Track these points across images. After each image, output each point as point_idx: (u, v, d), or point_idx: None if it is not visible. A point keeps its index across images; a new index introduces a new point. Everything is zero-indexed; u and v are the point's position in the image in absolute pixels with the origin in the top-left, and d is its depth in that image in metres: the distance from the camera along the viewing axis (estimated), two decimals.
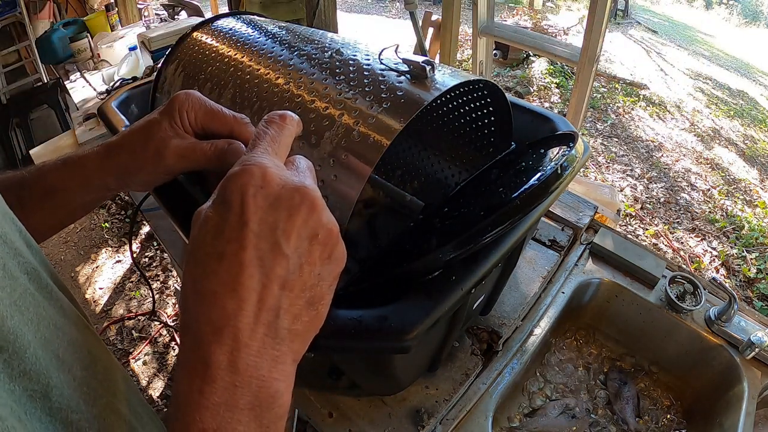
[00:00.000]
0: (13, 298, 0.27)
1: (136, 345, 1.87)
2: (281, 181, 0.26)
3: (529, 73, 4.06)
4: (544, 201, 0.47)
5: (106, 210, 2.55)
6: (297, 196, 0.26)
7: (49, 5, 2.42)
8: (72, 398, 0.29)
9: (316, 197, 0.27)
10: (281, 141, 0.30)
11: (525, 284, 0.81)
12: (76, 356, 0.32)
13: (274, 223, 0.25)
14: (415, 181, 0.78)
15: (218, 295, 0.24)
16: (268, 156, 0.28)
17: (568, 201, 0.94)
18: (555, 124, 0.64)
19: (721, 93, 4.50)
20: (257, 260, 0.25)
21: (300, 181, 0.27)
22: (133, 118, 0.74)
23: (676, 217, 2.73)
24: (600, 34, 1.55)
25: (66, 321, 0.34)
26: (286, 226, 0.26)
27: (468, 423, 0.67)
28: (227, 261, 0.25)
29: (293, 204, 0.26)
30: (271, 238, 0.25)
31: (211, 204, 0.26)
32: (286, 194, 0.26)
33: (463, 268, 0.46)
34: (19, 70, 2.51)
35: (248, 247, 0.25)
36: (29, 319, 0.28)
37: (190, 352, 0.25)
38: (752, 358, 0.74)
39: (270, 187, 0.26)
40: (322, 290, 0.28)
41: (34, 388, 0.26)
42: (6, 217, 0.33)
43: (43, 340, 0.28)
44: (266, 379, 0.25)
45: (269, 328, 0.25)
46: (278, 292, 0.25)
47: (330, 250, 0.28)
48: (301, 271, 0.26)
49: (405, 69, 0.49)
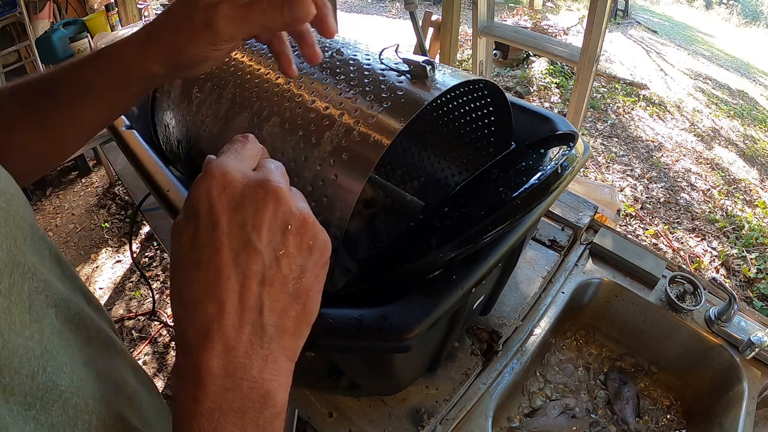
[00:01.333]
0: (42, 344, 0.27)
1: (136, 345, 1.87)
2: (243, 178, 0.26)
3: (529, 73, 4.06)
4: (544, 201, 0.47)
5: (106, 210, 2.55)
6: (261, 191, 0.26)
7: (49, 5, 2.42)
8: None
9: (281, 189, 0.27)
10: (244, 153, 0.29)
11: (525, 284, 0.81)
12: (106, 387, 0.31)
13: (243, 220, 0.25)
14: (415, 181, 0.78)
15: (200, 302, 0.25)
16: (229, 159, 0.28)
17: (568, 201, 0.94)
18: (555, 124, 0.64)
19: (721, 93, 4.50)
20: (232, 261, 0.25)
21: (262, 176, 0.27)
22: (133, 118, 0.74)
23: (676, 217, 2.73)
24: (600, 34, 1.55)
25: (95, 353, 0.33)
26: (254, 221, 0.26)
27: (468, 423, 0.67)
28: (204, 267, 0.25)
29: (258, 198, 0.26)
30: (241, 236, 0.25)
31: (182, 215, 0.27)
32: (249, 191, 0.26)
33: (463, 267, 0.46)
34: (19, 70, 2.50)
35: (221, 249, 0.25)
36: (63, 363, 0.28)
37: (182, 361, 0.25)
38: (752, 358, 0.74)
39: (233, 186, 0.26)
40: (307, 282, 0.27)
41: None
42: (36, 242, 0.31)
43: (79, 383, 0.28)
44: (257, 380, 0.25)
45: (254, 326, 0.25)
46: (258, 289, 0.25)
47: (309, 239, 0.27)
48: (279, 264, 0.26)
49: (405, 69, 0.49)
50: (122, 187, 2.63)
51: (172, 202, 0.55)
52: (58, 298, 0.31)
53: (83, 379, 0.29)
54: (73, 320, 0.32)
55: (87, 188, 2.72)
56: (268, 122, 0.52)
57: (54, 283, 0.31)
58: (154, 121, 0.72)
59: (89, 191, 2.70)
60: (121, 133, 0.67)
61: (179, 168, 0.71)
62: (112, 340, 0.37)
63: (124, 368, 0.37)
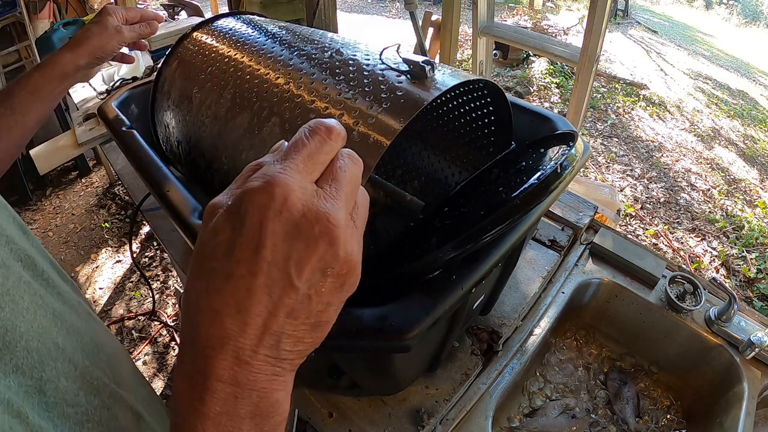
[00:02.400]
0: (5, 287, 0.28)
1: (136, 345, 1.87)
2: (303, 208, 0.24)
3: (529, 73, 4.06)
4: (544, 200, 0.47)
5: (106, 210, 2.55)
6: (317, 228, 0.24)
7: (49, 5, 2.42)
8: (69, 391, 0.29)
9: (338, 230, 0.25)
10: (318, 158, 0.27)
11: (525, 284, 0.81)
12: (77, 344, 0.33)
13: (289, 253, 0.24)
14: (416, 181, 0.78)
15: (221, 314, 0.24)
16: (297, 174, 0.25)
17: (568, 201, 0.94)
18: (555, 124, 0.64)
19: (721, 93, 4.50)
20: (266, 288, 0.24)
21: (325, 210, 0.25)
22: (134, 117, 0.74)
23: (676, 217, 2.73)
24: (600, 34, 1.55)
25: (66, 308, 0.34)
26: (300, 257, 0.24)
27: (468, 423, 0.67)
28: (234, 282, 0.24)
29: (312, 235, 0.24)
30: (283, 267, 0.24)
31: (224, 211, 0.25)
32: (306, 224, 0.24)
33: (463, 267, 0.46)
34: (19, 70, 2.50)
35: (259, 274, 0.24)
36: (24, 308, 0.29)
37: (190, 363, 0.24)
38: (752, 358, 0.74)
39: (290, 213, 0.24)
40: (329, 315, 0.27)
41: (28, 383, 0.26)
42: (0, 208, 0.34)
43: (40, 329, 0.29)
44: (267, 390, 0.25)
45: (271, 350, 0.25)
46: (283, 320, 0.25)
47: (344, 280, 0.26)
48: (310, 301, 0.25)
49: (405, 69, 0.49)
50: (122, 187, 2.63)
51: (172, 202, 0.55)
52: (23, 255, 0.33)
53: (45, 327, 0.30)
54: (42, 278, 0.33)
55: (87, 188, 2.73)
56: (268, 122, 0.52)
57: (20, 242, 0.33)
58: (154, 121, 0.72)
59: (89, 191, 2.70)
60: (121, 133, 0.67)
61: (179, 168, 0.71)
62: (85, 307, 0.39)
63: (102, 330, 0.39)
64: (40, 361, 0.28)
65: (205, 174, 0.61)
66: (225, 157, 0.57)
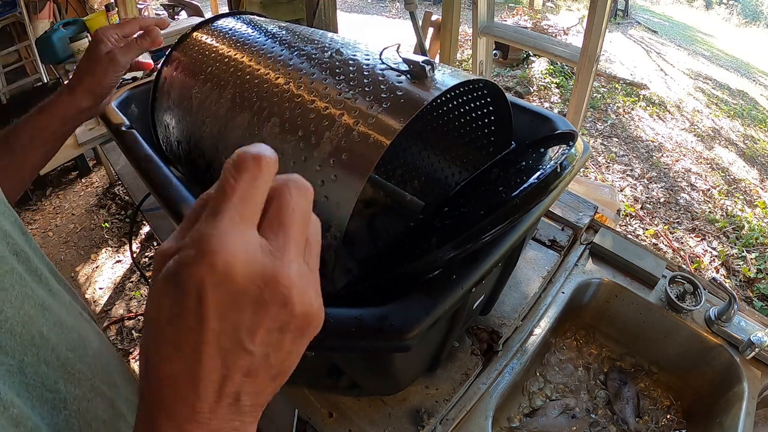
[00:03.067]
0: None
1: (136, 345, 1.87)
2: (247, 273, 0.22)
3: (529, 73, 4.06)
4: (544, 200, 0.47)
5: (106, 210, 2.55)
6: (267, 292, 0.22)
7: (49, 5, 2.42)
8: (49, 377, 0.30)
9: (291, 290, 0.22)
10: (253, 199, 0.23)
11: (525, 284, 0.81)
12: (62, 337, 0.34)
13: (237, 321, 0.22)
14: (415, 181, 0.78)
15: (176, 379, 0.22)
16: (233, 229, 0.22)
17: (568, 201, 0.94)
18: (555, 124, 0.64)
19: (721, 93, 4.50)
20: (218, 356, 0.22)
21: (273, 270, 0.22)
22: (134, 117, 0.74)
23: (676, 217, 2.73)
24: (600, 34, 1.55)
25: (55, 303, 0.36)
26: (251, 324, 0.22)
27: (468, 423, 0.67)
28: (183, 352, 0.22)
29: (261, 301, 0.22)
30: (233, 335, 0.22)
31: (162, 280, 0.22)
32: (253, 289, 0.22)
33: (463, 267, 0.46)
34: (19, 70, 2.51)
35: (207, 344, 0.22)
36: (13, 296, 0.30)
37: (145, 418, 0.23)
38: (752, 358, 0.74)
39: (232, 282, 0.21)
40: (291, 362, 0.25)
41: (11, 363, 0.28)
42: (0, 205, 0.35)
43: (26, 317, 0.30)
44: None
45: (230, 408, 0.23)
46: (241, 380, 0.23)
47: (303, 331, 0.24)
48: (268, 359, 0.23)
49: (405, 69, 0.49)
50: (122, 187, 2.63)
51: (172, 202, 0.55)
52: (19, 249, 0.34)
53: (32, 316, 0.31)
54: (36, 273, 0.35)
55: (87, 188, 2.72)
56: (268, 122, 0.52)
57: (17, 238, 0.34)
58: (154, 121, 0.72)
59: (89, 191, 2.70)
60: (121, 133, 0.67)
61: (179, 168, 0.71)
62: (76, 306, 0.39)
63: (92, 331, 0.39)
64: (22, 345, 0.29)
65: (205, 174, 0.61)
66: (225, 157, 0.57)
